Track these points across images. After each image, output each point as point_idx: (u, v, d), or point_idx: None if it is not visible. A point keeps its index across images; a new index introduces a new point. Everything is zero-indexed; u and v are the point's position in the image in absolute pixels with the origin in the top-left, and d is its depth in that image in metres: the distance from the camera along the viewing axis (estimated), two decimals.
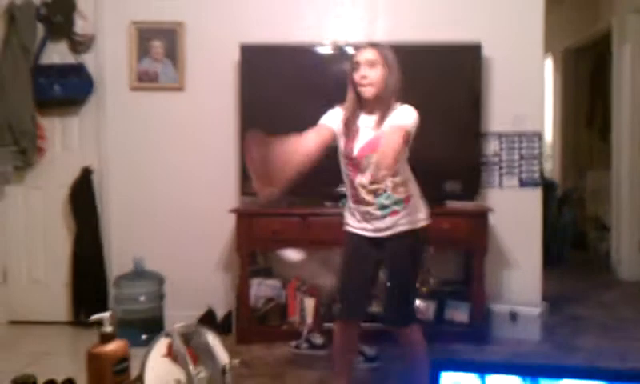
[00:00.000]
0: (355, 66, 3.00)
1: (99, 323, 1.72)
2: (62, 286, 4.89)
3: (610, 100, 6.60)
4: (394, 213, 3.00)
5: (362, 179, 3.00)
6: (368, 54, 2.99)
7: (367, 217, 3.04)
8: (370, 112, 3.02)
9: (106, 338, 1.69)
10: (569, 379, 1.16)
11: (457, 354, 4.17)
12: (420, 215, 3.06)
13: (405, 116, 2.92)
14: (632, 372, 1.11)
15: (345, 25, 4.74)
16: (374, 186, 2.98)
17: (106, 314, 1.71)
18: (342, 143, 3.04)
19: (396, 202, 2.99)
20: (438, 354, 3.81)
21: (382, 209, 3.00)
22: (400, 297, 3.09)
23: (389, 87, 2.98)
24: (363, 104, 3.03)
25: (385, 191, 2.98)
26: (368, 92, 2.98)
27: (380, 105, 2.99)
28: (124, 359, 1.71)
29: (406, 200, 3.01)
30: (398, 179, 2.98)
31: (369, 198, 3.00)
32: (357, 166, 3.00)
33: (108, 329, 1.70)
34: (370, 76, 2.96)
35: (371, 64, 2.97)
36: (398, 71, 3.02)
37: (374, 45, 3.06)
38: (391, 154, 2.72)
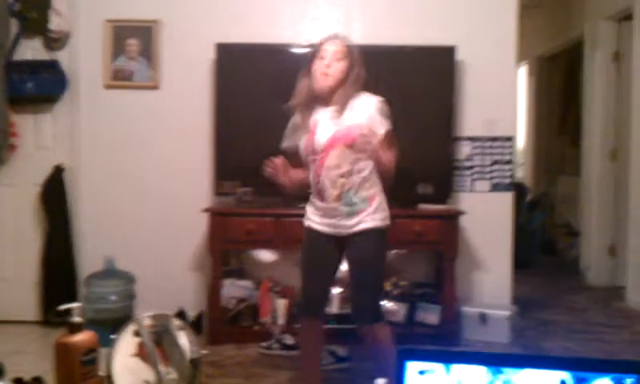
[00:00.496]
0: (321, 55, 3.00)
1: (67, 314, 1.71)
2: (32, 285, 4.83)
3: (582, 107, 6.69)
4: (360, 211, 2.98)
5: (329, 174, 2.97)
6: (336, 46, 3.00)
7: (332, 213, 3.01)
8: (327, 103, 3.02)
9: (74, 328, 1.69)
10: (531, 368, 1.18)
11: None
12: (384, 214, 3.05)
13: (367, 113, 2.97)
14: (592, 360, 1.14)
15: (320, 26, 4.76)
16: (342, 181, 2.95)
17: (74, 304, 1.71)
18: (302, 140, 3.06)
19: (362, 200, 2.98)
20: None
21: (348, 206, 2.97)
22: (367, 293, 3.06)
23: (349, 80, 2.99)
24: (319, 96, 3.03)
25: (351, 188, 2.96)
26: (325, 82, 2.98)
27: (337, 96, 2.99)
28: (92, 350, 1.71)
29: (371, 199, 3.01)
30: (364, 175, 2.98)
31: (335, 192, 2.97)
32: (322, 160, 2.98)
33: (76, 319, 1.70)
34: (334, 67, 2.97)
35: (337, 57, 2.98)
36: (361, 67, 3.03)
37: (341, 38, 3.07)
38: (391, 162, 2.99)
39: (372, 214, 3.00)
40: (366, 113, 2.97)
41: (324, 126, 3.00)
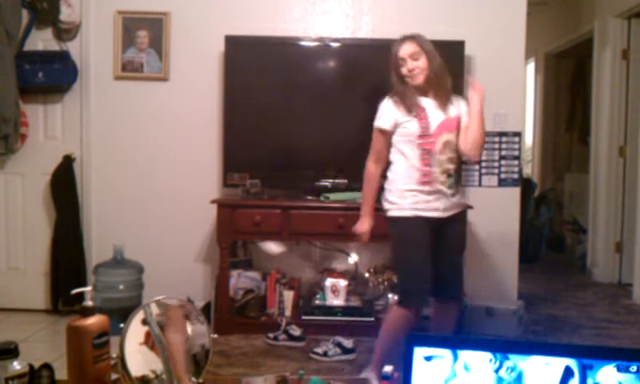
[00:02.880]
0: (401, 62, 3.23)
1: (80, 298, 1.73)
2: (41, 274, 4.87)
3: (590, 104, 6.68)
4: (455, 194, 3.31)
5: (440, 158, 3.20)
6: (409, 48, 3.23)
7: (437, 196, 3.22)
8: (426, 95, 3.26)
9: (86, 312, 1.71)
10: (537, 355, 1.20)
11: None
12: (462, 198, 3.50)
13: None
14: (597, 347, 1.15)
15: (330, 20, 4.77)
16: (447, 166, 3.22)
17: (86, 288, 1.73)
18: (412, 126, 3.20)
19: (457, 183, 3.39)
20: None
21: (450, 188, 3.25)
22: (460, 272, 3.46)
23: (435, 70, 3.23)
24: (417, 89, 3.25)
25: (453, 173, 3.28)
26: (418, 79, 3.22)
27: (434, 88, 3.25)
28: (104, 333, 1.73)
29: (459, 182, 3.48)
30: (458, 163, 3.37)
31: (442, 177, 3.21)
32: (432, 144, 3.18)
33: (89, 303, 1.72)
34: (417, 66, 3.21)
35: (414, 56, 3.21)
36: (437, 55, 3.27)
37: (411, 37, 3.28)
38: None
39: (459, 197, 3.40)
40: (462, 108, 3.31)
41: (433, 113, 3.23)
